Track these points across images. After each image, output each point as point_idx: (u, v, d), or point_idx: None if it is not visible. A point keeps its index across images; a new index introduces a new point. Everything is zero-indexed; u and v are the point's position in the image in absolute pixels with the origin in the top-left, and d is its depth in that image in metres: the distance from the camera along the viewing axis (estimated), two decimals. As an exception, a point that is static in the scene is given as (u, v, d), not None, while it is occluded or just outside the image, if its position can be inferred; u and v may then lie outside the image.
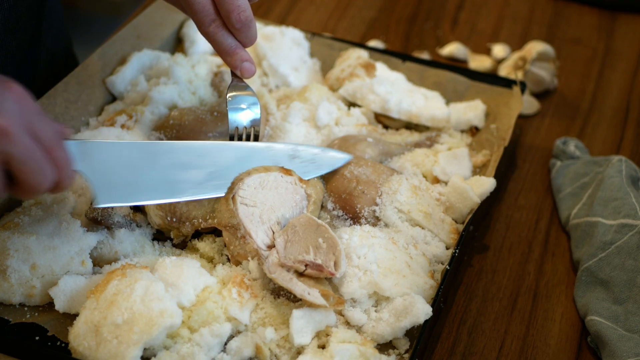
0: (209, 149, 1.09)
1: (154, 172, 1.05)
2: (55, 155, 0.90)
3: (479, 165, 1.29)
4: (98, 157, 1.01)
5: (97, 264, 1.08)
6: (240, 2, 1.08)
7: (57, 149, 0.91)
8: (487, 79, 1.44)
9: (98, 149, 1.02)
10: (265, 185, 1.10)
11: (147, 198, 1.05)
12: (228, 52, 1.12)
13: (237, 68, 1.14)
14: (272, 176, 1.11)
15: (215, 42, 1.12)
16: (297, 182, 1.13)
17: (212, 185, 1.08)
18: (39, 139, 0.88)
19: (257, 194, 1.09)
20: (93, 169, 1.00)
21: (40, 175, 0.89)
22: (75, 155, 0.98)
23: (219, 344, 0.99)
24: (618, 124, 1.50)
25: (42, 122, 0.90)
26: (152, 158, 1.05)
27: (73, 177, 0.95)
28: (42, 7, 1.34)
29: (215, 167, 1.08)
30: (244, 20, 1.09)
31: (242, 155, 1.11)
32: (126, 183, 1.03)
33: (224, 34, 1.11)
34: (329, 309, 1.01)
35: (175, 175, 1.06)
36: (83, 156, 1.00)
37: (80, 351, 0.94)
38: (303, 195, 1.12)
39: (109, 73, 1.37)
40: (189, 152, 1.08)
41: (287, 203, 1.10)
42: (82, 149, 1.00)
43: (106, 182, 1.01)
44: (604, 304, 1.12)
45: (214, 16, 1.10)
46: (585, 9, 1.78)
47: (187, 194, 1.06)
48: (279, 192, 1.11)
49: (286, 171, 1.13)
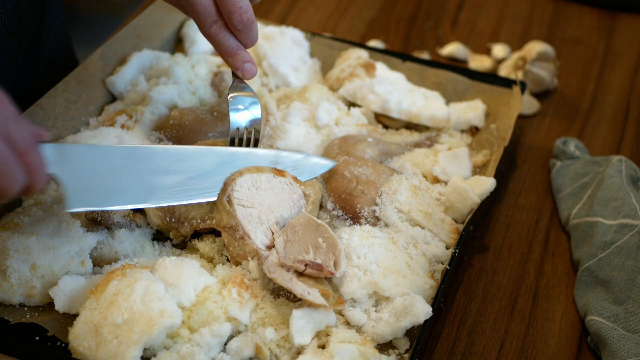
0: (188, 154, 1.07)
1: (131, 176, 1.02)
2: (28, 159, 0.89)
3: (479, 165, 1.29)
4: (74, 161, 0.99)
5: (97, 264, 1.08)
6: (242, 4, 1.08)
7: (31, 153, 0.89)
8: (487, 79, 1.44)
9: (75, 153, 1.00)
10: (260, 186, 1.10)
11: (123, 203, 1.02)
12: (230, 53, 1.12)
13: (239, 69, 1.14)
14: (264, 177, 1.11)
15: (217, 43, 1.12)
16: (292, 183, 1.12)
17: (191, 190, 1.06)
18: (12, 142, 0.87)
19: (252, 194, 1.09)
20: (69, 173, 0.98)
21: (10, 179, 0.87)
22: (51, 158, 0.96)
23: (219, 344, 0.99)
24: (618, 124, 1.50)
25: (17, 125, 0.88)
26: (130, 162, 1.03)
27: (46, 180, 0.93)
28: (43, 7, 1.34)
29: (195, 172, 1.07)
30: (246, 22, 1.09)
31: (222, 161, 1.09)
32: (102, 187, 1.01)
33: (225, 35, 1.11)
34: (329, 309, 1.01)
35: (153, 180, 1.04)
36: (59, 160, 0.97)
37: (80, 351, 0.94)
38: (300, 194, 1.12)
39: (109, 73, 1.37)
40: (167, 157, 1.06)
41: (285, 203, 1.10)
42: (59, 152, 0.98)
43: (81, 187, 0.99)
44: (604, 304, 1.12)
45: (215, 17, 1.10)
46: (585, 9, 1.78)
47: (165, 200, 1.04)
48: (275, 192, 1.10)
49: (278, 172, 1.12)
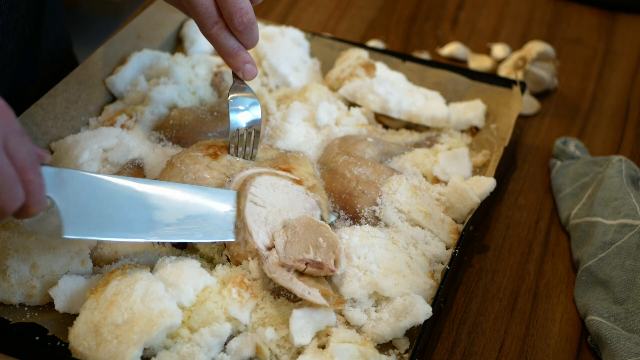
0: (186, 194, 1.05)
1: (128, 210, 1.00)
2: (28, 178, 0.86)
3: (479, 165, 1.29)
4: (73, 188, 0.96)
5: (96, 264, 1.08)
6: (243, 5, 1.08)
7: (31, 172, 0.87)
8: (487, 78, 1.44)
9: (74, 179, 0.97)
10: (277, 188, 1.11)
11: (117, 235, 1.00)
12: (230, 54, 1.12)
13: (239, 70, 1.14)
14: (283, 182, 1.12)
15: (218, 44, 1.12)
16: (307, 192, 1.13)
17: (183, 230, 1.04)
18: (14, 157, 0.85)
19: (268, 194, 1.09)
20: (66, 199, 0.95)
21: (9, 194, 0.85)
22: (50, 182, 0.93)
23: (219, 344, 0.99)
24: (618, 124, 1.50)
25: (20, 141, 0.86)
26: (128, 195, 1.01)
27: (43, 204, 0.90)
28: (42, 8, 1.34)
29: (187, 214, 1.04)
30: (247, 23, 1.09)
31: (213, 202, 1.06)
32: (99, 217, 0.98)
33: (226, 35, 1.11)
34: (329, 309, 1.01)
35: (152, 215, 1.02)
36: (58, 184, 0.95)
37: (80, 351, 0.94)
38: (314, 204, 1.12)
39: (109, 73, 1.37)
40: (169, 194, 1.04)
41: (297, 209, 1.10)
42: (58, 177, 0.95)
43: (77, 214, 0.96)
44: (604, 304, 1.12)
45: (216, 18, 1.09)
46: (585, 9, 1.78)
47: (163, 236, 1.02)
48: (290, 197, 1.11)
49: (297, 181, 1.13)
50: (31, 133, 1.22)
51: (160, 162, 1.20)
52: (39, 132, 1.23)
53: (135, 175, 1.18)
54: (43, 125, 1.23)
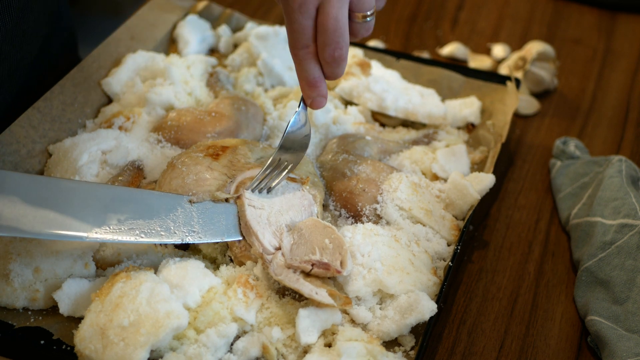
0: (122, 196, 1.04)
1: (67, 208, 0.99)
2: None
3: (476, 161, 1.30)
4: (8, 189, 0.97)
5: (100, 267, 1.08)
6: (340, 39, 1.03)
7: None
8: (481, 75, 1.44)
9: (10, 180, 0.97)
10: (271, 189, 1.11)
11: (57, 236, 0.98)
12: (310, 82, 1.07)
13: (312, 100, 1.09)
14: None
15: (301, 67, 1.07)
16: (303, 189, 1.13)
17: (131, 230, 1.02)
18: None
19: (263, 196, 1.10)
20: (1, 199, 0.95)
21: None
22: None
23: (225, 344, 0.99)
24: (618, 124, 1.50)
25: None
26: (60, 195, 1.00)
27: None
28: (51, 18, 1.33)
29: (127, 214, 1.03)
30: (337, 58, 1.04)
31: (162, 206, 1.05)
32: (35, 216, 0.97)
33: (312, 62, 1.06)
34: (335, 308, 1.02)
35: (92, 215, 1.00)
36: None
37: (86, 354, 0.94)
38: (311, 200, 1.13)
39: (104, 75, 1.37)
40: (110, 196, 1.03)
41: (295, 207, 1.11)
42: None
43: (13, 213, 0.96)
44: (604, 304, 1.12)
45: (309, 42, 1.04)
46: (585, 9, 1.78)
47: (97, 235, 1.00)
48: (286, 196, 1.11)
49: (291, 179, 1.13)
50: (29, 136, 1.21)
51: (159, 163, 1.20)
52: (36, 135, 1.23)
53: (135, 177, 1.18)
54: (40, 128, 1.23)
